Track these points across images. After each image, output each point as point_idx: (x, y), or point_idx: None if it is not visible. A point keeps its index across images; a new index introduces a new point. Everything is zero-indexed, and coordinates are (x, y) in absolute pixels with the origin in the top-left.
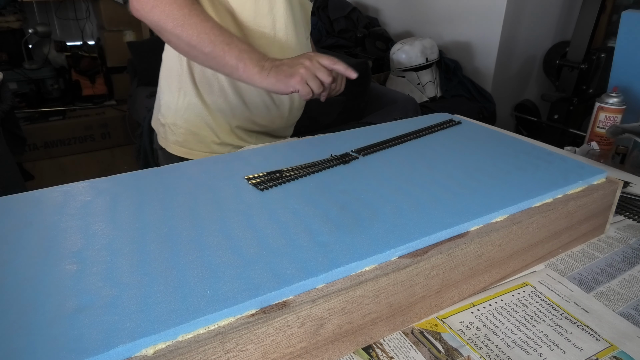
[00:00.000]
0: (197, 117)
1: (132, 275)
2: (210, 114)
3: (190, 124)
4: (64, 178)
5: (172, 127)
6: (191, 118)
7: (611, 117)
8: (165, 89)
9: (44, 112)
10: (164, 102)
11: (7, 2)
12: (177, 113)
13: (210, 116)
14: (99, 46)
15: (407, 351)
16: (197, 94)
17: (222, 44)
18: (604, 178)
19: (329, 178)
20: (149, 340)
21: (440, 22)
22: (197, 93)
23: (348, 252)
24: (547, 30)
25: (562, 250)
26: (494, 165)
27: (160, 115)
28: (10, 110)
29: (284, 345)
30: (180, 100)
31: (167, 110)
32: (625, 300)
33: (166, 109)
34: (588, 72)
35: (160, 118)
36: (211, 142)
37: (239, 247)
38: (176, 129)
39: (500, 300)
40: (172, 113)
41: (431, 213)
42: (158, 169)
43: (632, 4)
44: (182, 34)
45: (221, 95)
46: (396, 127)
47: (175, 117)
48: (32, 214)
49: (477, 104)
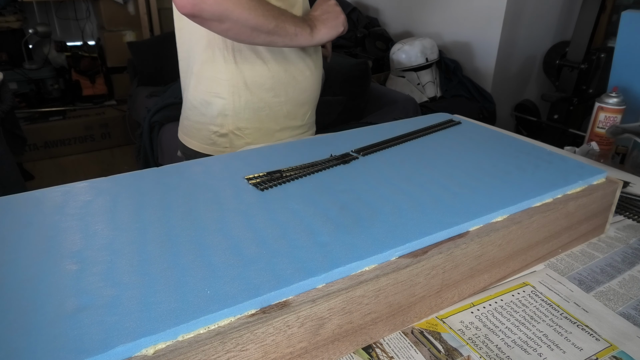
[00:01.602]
0: (257, 112)
1: (132, 275)
2: (267, 105)
3: (253, 121)
4: (64, 178)
5: (238, 132)
6: (252, 116)
7: (611, 117)
8: (213, 100)
9: (44, 112)
10: (217, 112)
11: (7, 2)
12: (238, 115)
13: (266, 107)
14: (99, 46)
15: (407, 351)
16: (250, 90)
17: (281, 16)
18: (603, 178)
19: (329, 178)
20: (149, 340)
21: (440, 22)
22: (250, 89)
23: (348, 252)
24: (547, 30)
25: (562, 250)
26: (494, 165)
27: (217, 127)
28: (11, 110)
29: (284, 345)
30: (237, 103)
31: (224, 119)
32: (625, 300)
33: (223, 118)
34: (588, 72)
35: (219, 130)
36: (273, 131)
37: (239, 247)
38: (242, 131)
39: (500, 300)
40: (233, 119)
41: (431, 213)
42: (158, 169)
43: (632, 4)
44: (249, 16)
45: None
46: (396, 127)
47: (238, 120)
48: (32, 214)
49: (477, 104)
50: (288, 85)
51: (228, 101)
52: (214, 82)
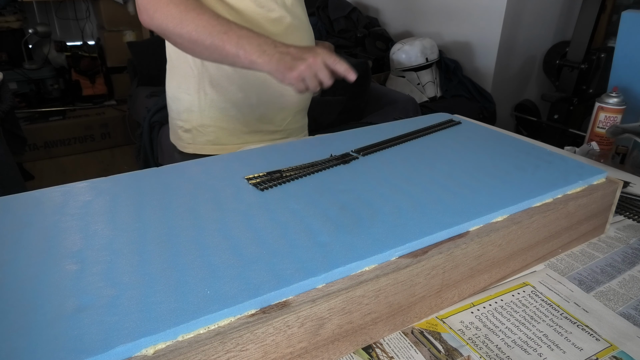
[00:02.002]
0: (222, 111)
1: (132, 275)
2: (234, 105)
3: (218, 120)
4: (64, 178)
5: (201, 129)
6: (217, 114)
7: (611, 117)
8: (181, 95)
9: (44, 112)
10: (184, 108)
11: (7, 2)
12: (203, 113)
13: (234, 107)
14: (99, 46)
15: (407, 351)
16: (216, 89)
17: (220, 33)
18: (604, 178)
19: (329, 178)
20: (149, 340)
21: (440, 22)
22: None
23: (348, 252)
24: (547, 30)
25: (562, 250)
26: (494, 165)
27: (182, 122)
28: (10, 110)
29: (284, 345)
30: (202, 101)
31: (190, 115)
32: (625, 300)
33: (189, 114)
34: (588, 72)
35: (184, 125)
36: (240, 133)
37: (239, 247)
38: (205, 129)
39: (500, 300)
40: (197, 115)
41: (431, 213)
42: (158, 169)
43: (632, 4)
44: (182, 31)
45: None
46: (396, 127)
47: (202, 117)
48: (32, 214)
49: (477, 104)
50: (260, 88)
51: (194, 98)
52: (182, 78)
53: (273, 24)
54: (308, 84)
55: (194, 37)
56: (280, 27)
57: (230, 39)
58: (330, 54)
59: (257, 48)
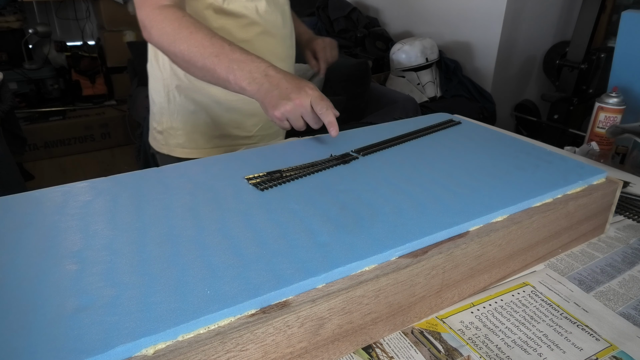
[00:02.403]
0: (192, 115)
1: (132, 275)
2: (203, 109)
3: (187, 123)
4: (64, 178)
5: (171, 131)
6: (186, 118)
7: (611, 117)
8: (155, 97)
9: (44, 112)
10: (156, 109)
11: (7, 2)
12: (172, 116)
13: (203, 112)
14: (99, 46)
15: (407, 351)
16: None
17: (211, 56)
18: (603, 178)
19: (329, 178)
20: (149, 340)
21: (440, 22)
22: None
23: (348, 252)
24: (547, 30)
25: (562, 250)
26: (494, 165)
27: (156, 123)
28: (10, 110)
29: (284, 345)
30: (171, 104)
31: (161, 117)
32: (625, 300)
33: (160, 116)
34: (588, 72)
35: (157, 126)
36: (210, 137)
37: (239, 247)
38: (175, 131)
39: (500, 300)
40: (167, 118)
41: (431, 213)
42: (158, 169)
43: (632, 4)
44: (176, 50)
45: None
46: (396, 127)
47: (171, 120)
48: (32, 214)
49: (477, 104)
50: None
51: (164, 100)
52: (155, 81)
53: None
54: (292, 124)
55: (187, 57)
56: (248, 33)
57: (222, 63)
58: (320, 97)
59: (248, 75)
